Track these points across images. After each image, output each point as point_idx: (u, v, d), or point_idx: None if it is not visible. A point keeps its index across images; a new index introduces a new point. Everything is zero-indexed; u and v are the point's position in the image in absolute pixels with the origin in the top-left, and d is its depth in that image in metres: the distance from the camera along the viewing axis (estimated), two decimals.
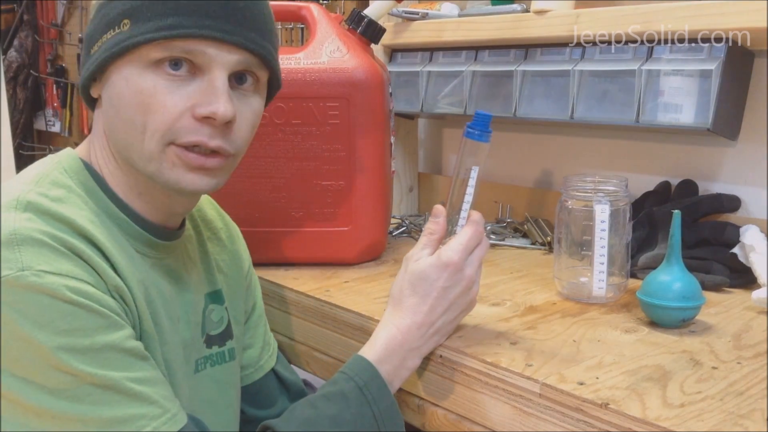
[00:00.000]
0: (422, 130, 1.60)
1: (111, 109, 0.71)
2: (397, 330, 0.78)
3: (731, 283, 0.98)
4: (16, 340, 0.60)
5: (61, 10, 2.76)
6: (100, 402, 0.61)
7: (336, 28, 1.10)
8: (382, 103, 1.09)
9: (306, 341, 1.00)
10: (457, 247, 0.78)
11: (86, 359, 0.61)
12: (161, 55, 0.68)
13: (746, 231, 1.01)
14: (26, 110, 2.89)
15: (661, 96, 1.04)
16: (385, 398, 0.74)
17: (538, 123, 1.33)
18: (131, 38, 0.68)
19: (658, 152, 1.22)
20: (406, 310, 0.78)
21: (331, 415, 0.71)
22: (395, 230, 1.34)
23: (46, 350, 0.60)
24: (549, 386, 0.68)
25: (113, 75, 0.70)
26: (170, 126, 0.69)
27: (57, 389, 0.61)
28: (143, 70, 0.69)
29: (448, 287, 0.78)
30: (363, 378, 0.74)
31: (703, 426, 0.60)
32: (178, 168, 0.70)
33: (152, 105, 0.68)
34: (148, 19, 0.68)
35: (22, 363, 0.61)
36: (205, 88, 0.69)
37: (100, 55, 0.70)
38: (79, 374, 0.61)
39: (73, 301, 0.61)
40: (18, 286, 0.60)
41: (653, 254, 1.02)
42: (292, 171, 1.08)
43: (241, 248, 0.94)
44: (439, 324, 0.78)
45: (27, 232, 0.63)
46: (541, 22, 1.13)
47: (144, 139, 0.69)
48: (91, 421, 0.61)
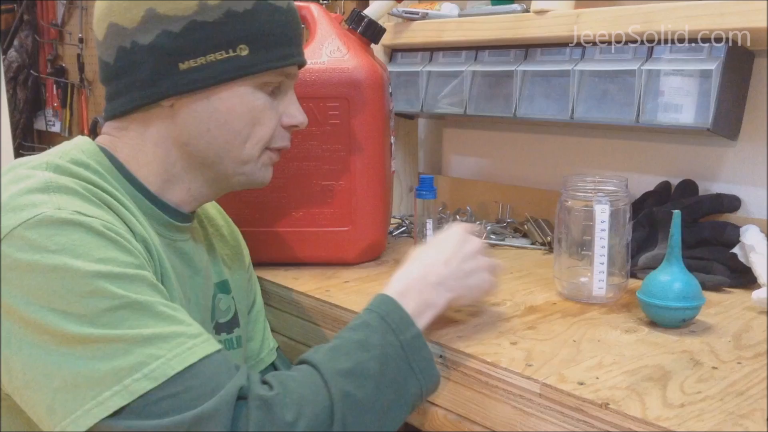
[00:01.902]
0: (422, 130, 1.60)
1: (210, 120, 0.77)
2: (415, 268, 0.80)
3: (731, 283, 0.98)
4: (54, 270, 0.62)
5: (61, 10, 2.76)
6: (139, 322, 0.63)
7: (336, 28, 1.10)
8: (382, 103, 1.09)
9: (306, 341, 1.00)
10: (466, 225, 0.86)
11: (121, 284, 0.64)
12: (274, 80, 0.80)
13: (746, 231, 1.01)
14: (26, 110, 2.90)
15: (661, 96, 1.04)
16: (409, 328, 0.73)
17: (538, 123, 1.33)
18: (256, 65, 0.77)
19: (658, 152, 1.22)
20: (425, 254, 0.82)
21: (357, 340, 0.71)
22: (395, 230, 1.34)
23: (83, 275, 0.62)
24: (549, 386, 0.68)
25: (223, 92, 0.77)
26: (271, 135, 0.81)
27: (96, 314, 0.62)
28: (255, 90, 0.78)
29: (464, 241, 0.83)
30: (385, 309, 0.74)
31: (703, 426, 0.60)
32: (267, 167, 0.84)
33: (261, 119, 0.80)
34: (268, 47, 0.77)
35: (60, 294, 0.62)
36: (288, 103, 0.83)
37: (211, 74, 0.75)
38: (116, 296, 0.63)
39: (107, 235, 0.66)
40: (55, 220, 0.64)
41: (653, 254, 1.02)
42: (292, 171, 1.08)
43: (242, 244, 0.98)
44: (456, 267, 0.80)
45: (62, 181, 0.69)
46: (541, 22, 1.13)
47: (244, 147, 0.79)
48: (132, 340, 0.62)
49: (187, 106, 0.77)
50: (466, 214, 1.38)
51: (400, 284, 0.78)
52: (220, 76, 0.75)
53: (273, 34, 0.77)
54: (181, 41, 0.74)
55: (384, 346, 0.71)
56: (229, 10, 0.74)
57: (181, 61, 0.74)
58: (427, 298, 0.77)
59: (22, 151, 2.80)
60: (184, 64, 0.74)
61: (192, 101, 0.76)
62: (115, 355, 0.61)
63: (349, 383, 0.66)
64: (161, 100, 0.76)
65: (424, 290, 0.77)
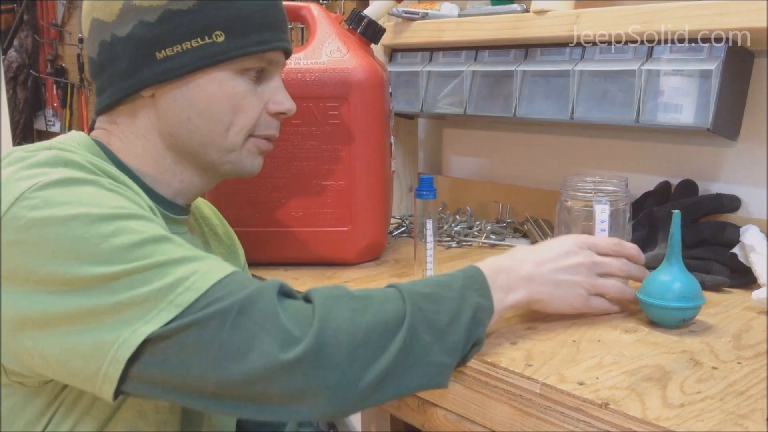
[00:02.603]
0: (422, 130, 1.60)
1: (191, 109, 0.78)
2: (505, 257, 0.79)
3: (731, 283, 0.98)
4: (73, 219, 0.62)
5: (61, 10, 2.76)
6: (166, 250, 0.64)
7: (336, 28, 1.10)
8: (382, 103, 1.09)
9: None
10: (601, 238, 0.85)
11: (141, 222, 0.66)
12: (254, 65, 0.79)
13: (746, 231, 1.01)
14: (26, 110, 2.90)
15: (661, 96, 1.04)
16: (486, 297, 0.73)
17: (538, 123, 1.33)
18: (231, 51, 0.77)
19: (658, 152, 1.22)
20: (526, 250, 0.81)
21: (440, 281, 0.72)
22: (395, 230, 1.34)
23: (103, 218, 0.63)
24: (549, 386, 0.68)
25: (200, 79, 0.77)
26: (255, 122, 0.81)
27: (123, 251, 0.62)
28: (234, 76, 0.78)
29: (567, 251, 0.81)
30: (470, 273, 0.74)
31: (703, 426, 0.60)
32: (254, 155, 0.83)
33: (243, 106, 0.79)
34: (245, 33, 0.77)
35: (83, 240, 0.62)
36: (274, 89, 0.82)
37: (187, 61, 0.75)
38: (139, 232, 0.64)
39: (117, 190, 0.69)
40: (65, 180, 0.65)
41: (653, 254, 1.02)
42: (292, 171, 1.09)
43: (236, 244, 0.99)
44: (548, 273, 0.79)
45: (68, 156, 0.70)
46: (541, 22, 1.13)
47: (228, 134, 0.80)
48: (165, 263, 0.63)
49: (167, 95, 0.77)
50: (466, 214, 1.38)
51: (492, 265, 0.77)
52: (196, 63, 0.76)
53: (250, 19, 0.77)
54: (156, 30, 0.74)
55: (460, 299, 0.71)
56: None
57: (157, 51, 0.75)
58: (511, 284, 0.77)
59: None
60: (160, 53, 0.75)
61: (171, 90, 0.77)
62: (152, 280, 0.62)
63: (425, 303, 0.68)
64: (141, 90, 0.77)
65: (511, 277, 0.77)
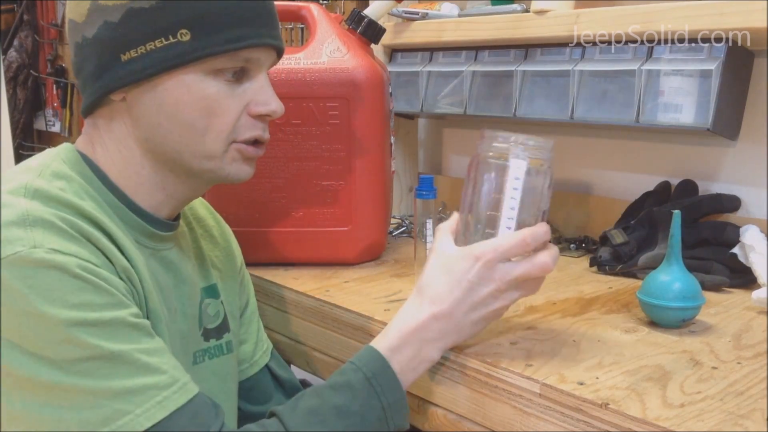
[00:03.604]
0: (422, 130, 1.60)
1: (160, 114, 0.73)
2: (413, 318, 0.73)
3: (731, 283, 0.98)
4: (27, 315, 0.61)
5: (61, 10, 2.76)
6: (110, 374, 0.62)
7: (336, 28, 1.10)
8: (382, 103, 1.09)
9: (306, 341, 1.00)
10: (492, 244, 0.72)
11: (95, 332, 0.62)
12: (227, 65, 0.73)
13: (746, 231, 1.01)
14: (26, 110, 2.89)
15: (661, 96, 1.04)
16: (394, 390, 0.71)
17: (538, 123, 1.33)
18: (198, 50, 0.70)
19: (658, 152, 1.22)
20: (429, 298, 0.73)
21: (337, 405, 0.69)
22: (395, 230, 1.34)
23: (57, 323, 0.61)
24: (549, 386, 0.68)
25: (167, 82, 0.71)
26: (233, 126, 0.74)
27: (67, 363, 0.61)
28: (205, 77, 0.72)
29: (477, 283, 0.72)
30: (372, 369, 0.71)
31: (703, 426, 0.60)
32: (237, 162, 0.77)
33: (216, 109, 0.73)
34: (212, 30, 0.71)
35: (32, 338, 0.61)
36: (257, 89, 0.75)
37: (150, 63, 0.70)
38: (89, 347, 0.61)
39: (83, 277, 0.63)
40: (30, 261, 0.62)
41: (653, 254, 1.02)
42: (292, 171, 1.08)
43: (233, 245, 0.95)
44: (461, 320, 0.73)
45: (39, 213, 0.65)
46: (541, 22, 1.13)
47: (205, 141, 0.74)
48: (101, 393, 0.61)
49: (138, 99, 0.73)
50: None
51: (394, 337, 0.73)
52: (160, 65, 0.70)
53: (220, 15, 0.71)
54: (120, 31, 0.70)
55: (364, 413, 0.69)
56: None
57: (122, 52, 0.70)
58: (420, 354, 0.72)
59: (22, 152, 2.80)
60: (125, 55, 0.70)
61: (140, 94, 0.72)
62: (83, 407, 0.61)
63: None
64: (109, 94, 0.73)
65: (419, 346, 0.72)
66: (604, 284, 1.02)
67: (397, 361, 0.72)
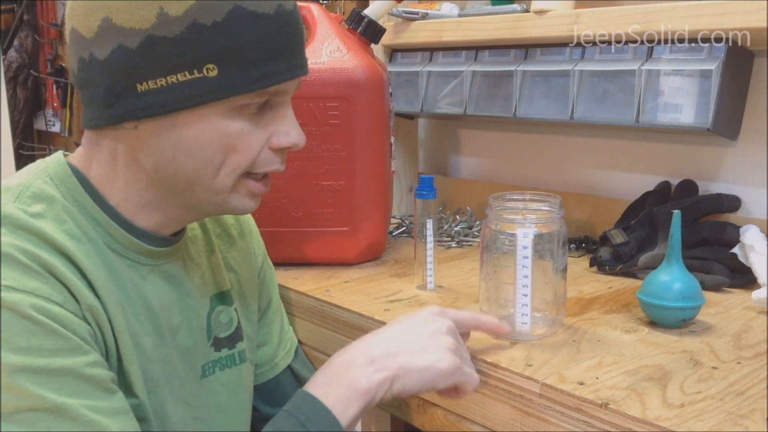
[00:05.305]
0: (422, 130, 1.60)
1: (176, 149, 0.68)
2: (345, 350, 0.71)
3: (731, 283, 0.98)
4: None
5: (61, 10, 2.76)
6: (50, 428, 0.58)
7: (336, 28, 1.10)
8: (382, 103, 1.09)
9: (306, 341, 1.00)
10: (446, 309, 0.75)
11: (40, 380, 0.59)
12: (254, 101, 0.68)
13: (746, 231, 1.01)
14: (26, 110, 2.89)
15: (661, 96, 1.04)
16: (331, 427, 0.66)
17: (538, 123, 1.33)
18: (225, 89, 0.66)
19: (658, 152, 1.22)
20: (364, 337, 0.72)
21: None
22: (395, 230, 1.34)
23: (2, 369, 0.58)
24: (549, 386, 0.68)
25: (187, 117, 0.67)
26: (252, 162, 0.71)
27: (7, 411, 0.58)
28: (229, 113, 0.68)
29: (416, 322, 0.72)
30: (304, 413, 0.66)
31: (703, 426, 0.60)
32: (243, 197, 0.73)
33: (237, 146, 0.69)
34: (242, 65, 0.66)
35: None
36: (280, 120, 0.71)
37: (171, 99, 0.65)
38: (32, 396, 0.58)
39: (34, 318, 0.60)
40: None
41: (653, 254, 1.02)
42: (292, 171, 1.08)
43: (253, 243, 0.92)
44: (390, 351, 0.69)
45: (6, 251, 0.61)
46: (541, 22, 1.13)
47: (218, 175, 0.70)
48: None
49: (151, 131, 0.68)
50: (466, 214, 1.38)
51: (324, 375, 0.68)
52: (182, 103, 0.65)
53: (251, 49, 0.66)
54: (137, 59, 0.64)
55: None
56: (194, 23, 0.63)
57: (138, 82, 0.65)
58: (352, 383, 0.67)
59: (22, 151, 2.80)
60: (141, 85, 0.65)
61: (155, 126, 0.67)
62: None
63: None
64: (120, 123, 0.68)
65: (349, 375, 0.67)
66: (604, 284, 1.02)
67: (329, 399, 0.67)
